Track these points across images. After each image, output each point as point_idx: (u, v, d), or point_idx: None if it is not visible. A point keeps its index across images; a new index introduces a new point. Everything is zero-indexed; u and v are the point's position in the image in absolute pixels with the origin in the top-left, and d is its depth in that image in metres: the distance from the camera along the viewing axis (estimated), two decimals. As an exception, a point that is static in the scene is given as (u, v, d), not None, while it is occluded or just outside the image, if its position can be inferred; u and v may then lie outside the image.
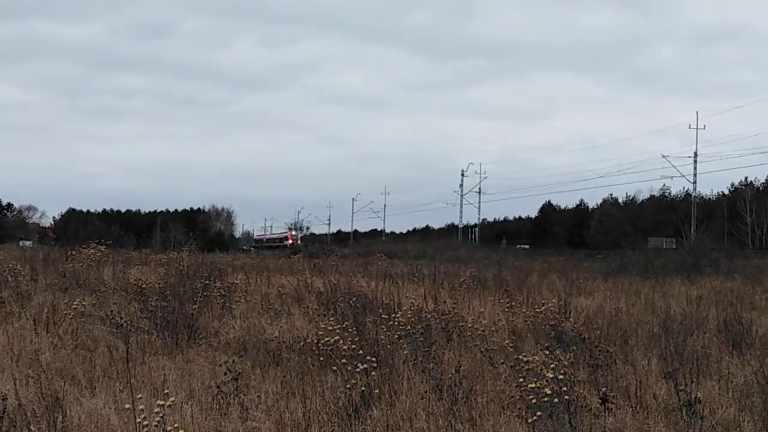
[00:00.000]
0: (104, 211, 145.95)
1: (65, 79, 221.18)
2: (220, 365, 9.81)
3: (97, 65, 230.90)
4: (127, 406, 7.34)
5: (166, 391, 7.86)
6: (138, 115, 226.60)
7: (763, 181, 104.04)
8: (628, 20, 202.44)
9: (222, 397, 8.90)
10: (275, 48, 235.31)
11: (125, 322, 13.10)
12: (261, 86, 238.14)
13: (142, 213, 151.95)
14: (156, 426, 6.48)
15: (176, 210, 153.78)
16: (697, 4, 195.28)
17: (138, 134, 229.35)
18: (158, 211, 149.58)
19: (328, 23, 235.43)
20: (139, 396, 7.41)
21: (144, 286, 16.59)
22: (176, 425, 6.57)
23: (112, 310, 13.98)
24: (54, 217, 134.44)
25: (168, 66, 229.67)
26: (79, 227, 74.21)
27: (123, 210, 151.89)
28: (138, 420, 6.67)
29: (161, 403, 6.63)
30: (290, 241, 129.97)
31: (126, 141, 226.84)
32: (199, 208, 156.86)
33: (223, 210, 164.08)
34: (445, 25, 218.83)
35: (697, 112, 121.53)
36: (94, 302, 15.76)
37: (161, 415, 6.52)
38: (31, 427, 7.22)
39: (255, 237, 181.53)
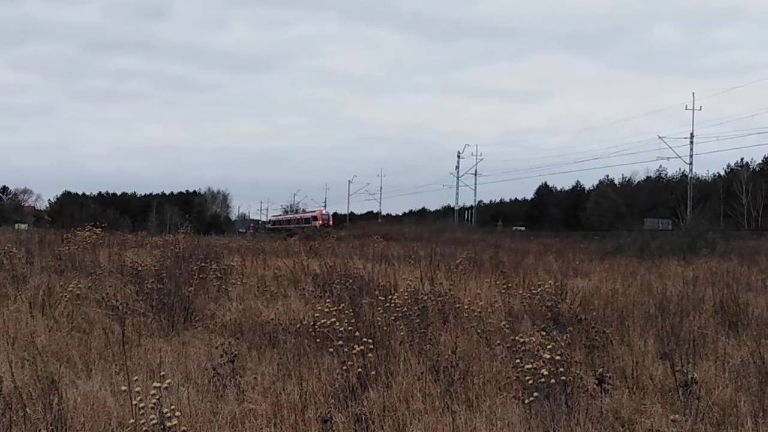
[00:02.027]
0: (100, 194, 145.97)
1: (60, 62, 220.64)
2: (217, 347, 9.80)
3: (92, 47, 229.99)
4: (123, 388, 7.32)
5: (162, 373, 7.82)
6: (133, 98, 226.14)
7: (760, 161, 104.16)
8: (625, 1, 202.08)
9: (218, 379, 8.89)
10: (269, 30, 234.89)
11: (121, 304, 13.07)
12: (256, 68, 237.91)
13: (138, 196, 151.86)
14: (152, 408, 6.46)
15: (172, 193, 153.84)
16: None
17: (133, 116, 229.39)
18: (154, 194, 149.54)
19: (321, 4, 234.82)
20: (135, 378, 7.40)
21: (140, 268, 16.57)
22: (172, 407, 6.55)
23: (107, 293, 13.93)
24: (49, 200, 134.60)
25: (162, 48, 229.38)
26: (74, 210, 74.38)
27: (119, 193, 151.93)
28: (134, 402, 6.66)
29: (157, 385, 6.61)
30: (320, 222, 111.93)
31: (121, 123, 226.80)
32: (194, 191, 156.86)
33: (218, 193, 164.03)
34: (441, 6, 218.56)
35: (693, 93, 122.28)
36: (89, 285, 15.74)
37: (157, 397, 6.50)
38: (27, 409, 7.20)
39: (272, 218, 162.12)
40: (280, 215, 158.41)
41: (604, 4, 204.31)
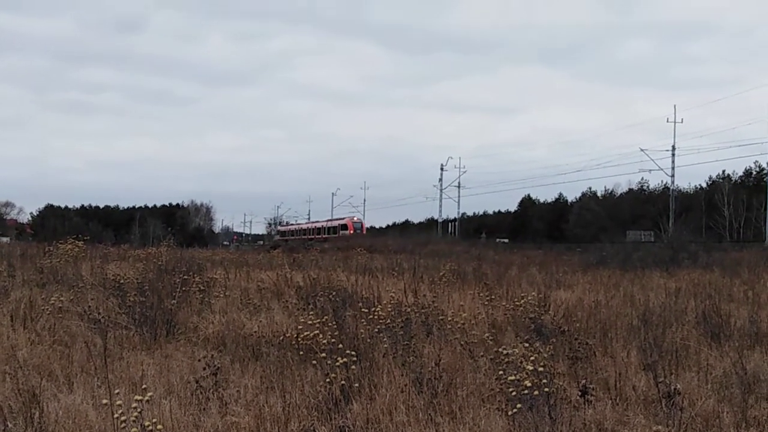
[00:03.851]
0: (82, 206, 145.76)
1: (34, 74, 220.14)
2: (199, 360, 9.76)
3: (66, 60, 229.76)
4: (105, 401, 7.28)
5: (144, 386, 7.80)
6: (109, 111, 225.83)
7: (741, 174, 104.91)
8: (601, 14, 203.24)
9: (201, 392, 8.84)
10: (246, 43, 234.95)
11: (103, 317, 13.03)
12: (233, 81, 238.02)
13: (121, 209, 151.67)
14: (134, 421, 6.43)
15: (155, 206, 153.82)
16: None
17: (110, 130, 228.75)
18: (137, 207, 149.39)
19: (297, 18, 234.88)
20: (117, 391, 7.38)
21: (122, 281, 16.50)
22: (154, 420, 6.53)
23: (90, 306, 13.88)
24: (32, 213, 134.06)
25: (138, 61, 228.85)
26: (56, 223, 74.16)
27: (101, 206, 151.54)
28: (116, 415, 6.62)
29: (139, 398, 6.59)
30: (351, 231, 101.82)
31: (98, 136, 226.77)
32: (177, 204, 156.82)
33: (202, 205, 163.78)
34: (416, 19, 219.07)
35: (675, 105, 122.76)
36: (71, 298, 15.65)
37: (139, 410, 6.48)
38: (8, 423, 7.16)
39: (280, 227, 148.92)
40: (293, 224, 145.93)
41: (575, 16, 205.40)
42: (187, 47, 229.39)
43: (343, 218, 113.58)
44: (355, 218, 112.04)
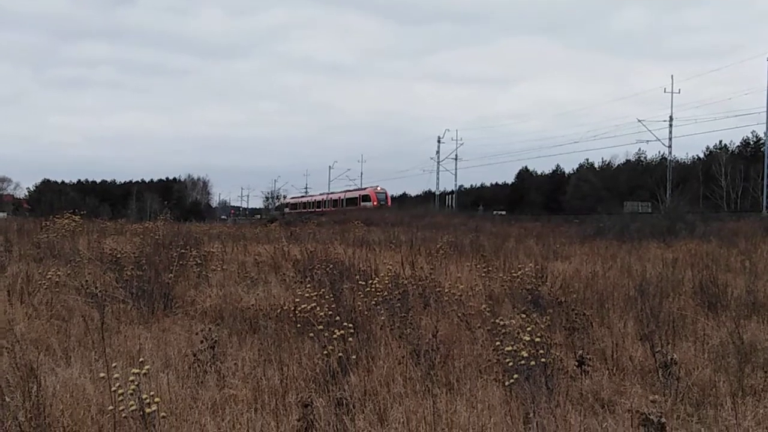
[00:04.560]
0: (79, 181, 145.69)
1: (29, 50, 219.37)
2: (197, 333, 9.77)
3: (60, 35, 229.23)
4: (102, 375, 7.29)
5: (141, 359, 7.80)
6: (104, 85, 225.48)
7: (738, 144, 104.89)
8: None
9: (198, 365, 8.85)
10: (240, 16, 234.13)
11: (100, 291, 13.01)
12: (228, 54, 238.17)
13: (118, 183, 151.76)
14: (131, 394, 6.43)
15: (152, 180, 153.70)
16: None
17: (105, 104, 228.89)
18: (134, 181, 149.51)
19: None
20: (114, 365, 7.36)
21: (119, 255, 16.52)
22: (152, 393, 6.53)
23: (87, 280, 13.88)
24: (28, 188, 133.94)
25: (133, 34, 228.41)
26: (53, 198, 74.03)
27: (98, 180, 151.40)
28: (113, 389, 6.63)
29: (136, 371, 6.59)
30: (375, 202, 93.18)
31: (93, 111, 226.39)
32: (174, 178, 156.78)
33: (199, 180, 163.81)
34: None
35: (672, 76, 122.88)
36: (68, 272, 15.66)
37: (136, 383, 6.48)
38: (6, 397, 7.16)
39: (290, 199, 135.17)
40: (305, 195, 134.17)
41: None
42: (182, 20, 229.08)
43: (364, 188, 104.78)
44: (379, 188, 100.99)
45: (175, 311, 13.11)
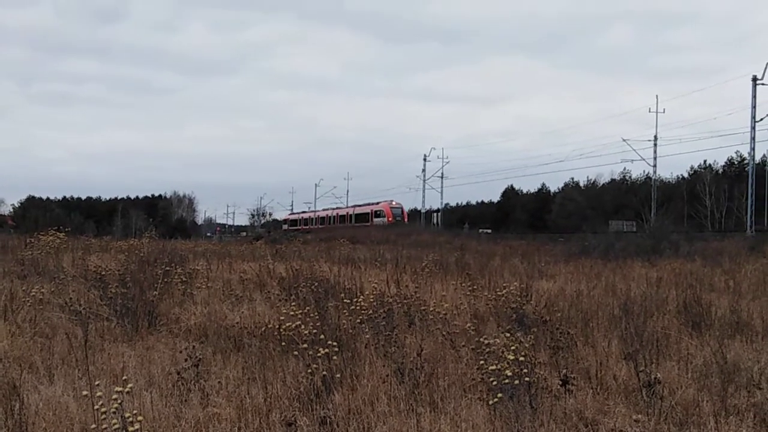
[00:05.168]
0: (64, 198, 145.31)
1: (15, 65, 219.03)
2: (181, 351, 9.73)
3: (47, 51, 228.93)
4: (86, 393, 7.27)
5: (124, 377, 7.78)
6: (91, 101, 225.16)
7: (722, 164, 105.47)
8: (582, 3, 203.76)
9: (182, 384, 8.82)
10: (226, 32, 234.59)
11: (84, 309, 12.96)
12: (213, 71, 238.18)
13: (103, 200, 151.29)
14: (114, 413, 6.41)
15: (137, 197, 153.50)
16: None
17: (92, 121, 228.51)
18: (119, 198, 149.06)
19: (277, 5, 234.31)
20: (97, 383, 7.35)
21: (104, 273, 16.44)
22: (135, 412, 6.51)
23: (71, 298, 13.82)
24: (13, 204, 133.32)
25: (119, 51, 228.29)
26: (38, 214, 73.60)
27: (84, 197, 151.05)
28: (96, 407, 6.60)
29: (119, 389, 6.57)
30: (389, 218, 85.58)
31: (80, 127, 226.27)
32: (160, 195, 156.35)
33: (184, 197, 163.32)
34: (397, 7, 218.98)
35: (657, 95, 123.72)
36: (52, 290, 15.59)
37: (119, 401, 6.45)
38: (-12, 415, 7.13)
39: (289, 216, 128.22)
40: (306, 211, 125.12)
41: (556, 6, 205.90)
42: (168, 37, 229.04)
43: (377, 202, 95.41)
44: (394, 202, 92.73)
45: (159, 329, 13.07)
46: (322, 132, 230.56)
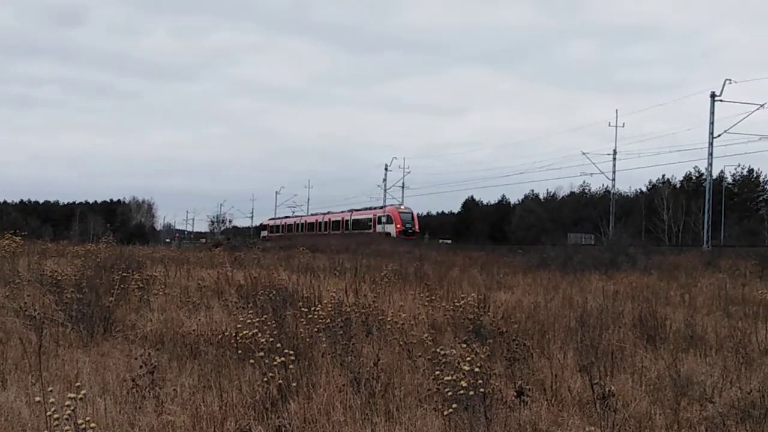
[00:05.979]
0: (21, 201, 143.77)
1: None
2: (136, 358, 9.67)
3: (6, 53, 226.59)
4: (38, 399, 7.21)
5: (78, 384, 7.71)
6: (50, 104, 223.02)
7: (680, 179, 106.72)
8: (545, 17, 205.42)
9: (137, 391, 8.76)
10: (188, 38, 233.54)
11: (39, 314, 12.83)
12: (175, 77, 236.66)
13: (61, 204, 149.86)
14: (67, 419, 6.36)
15: (96, 202, 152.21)
16: (613, 2, 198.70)
17: (51, 124, 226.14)
18: (77, 202, 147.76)
19: (241, 13, 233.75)
20: (50, 389, 7.27)
21: (60, 278, 16.28)
22: (88, 418, 6.46)
23: (25, 302, 13.68)
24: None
25: (80, 54, 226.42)
26: (-6, 218, 72.80)
27: (41, 201, 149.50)
28: (48, 413, 6.55)
29: (72, 396, 6.52)
30: (399, 226, 76.03)
31: (38, 130, 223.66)
32: (119, 200, 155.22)
33: (143, 202, 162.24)
34: (361, 19, 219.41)
35: (616, 110, 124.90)
36: (7, 294, 15.45)
37: (72, 408, 6.40)
38: (-62, 421, 7.05)
39: (269, 222, 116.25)
40: (290, 216, 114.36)
41: (518, 18, 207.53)
42: (129, 41, 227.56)
43: (382, 207, 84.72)
44: (402, 206, 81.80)
45: (115, 335, 12.97)
46: (285, 140, 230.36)
